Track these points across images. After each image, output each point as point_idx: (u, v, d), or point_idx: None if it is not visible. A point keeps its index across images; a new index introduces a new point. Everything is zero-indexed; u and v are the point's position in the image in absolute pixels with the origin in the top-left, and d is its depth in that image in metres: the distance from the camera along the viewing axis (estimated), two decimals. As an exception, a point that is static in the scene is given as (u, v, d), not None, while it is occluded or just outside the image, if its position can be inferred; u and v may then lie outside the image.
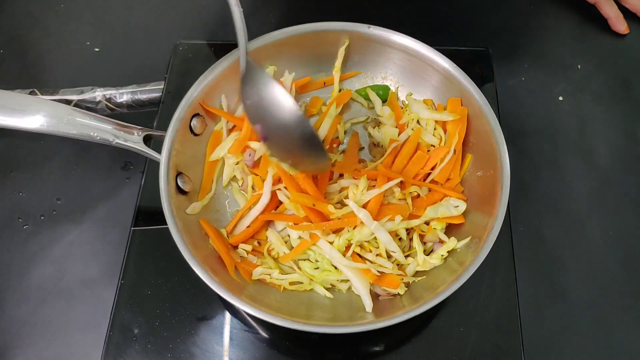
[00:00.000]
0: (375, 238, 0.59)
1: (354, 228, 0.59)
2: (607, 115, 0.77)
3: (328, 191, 0.64)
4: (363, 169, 0.64)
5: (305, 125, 0.52)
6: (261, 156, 0.64)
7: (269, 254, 0.61)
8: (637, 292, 0.65)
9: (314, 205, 0.59)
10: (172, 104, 0.62)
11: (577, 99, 0.78)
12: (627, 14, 0.84)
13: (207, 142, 0.65)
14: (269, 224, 0.63)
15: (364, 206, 0.60)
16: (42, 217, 0.68)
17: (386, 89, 0.71)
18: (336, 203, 0.62)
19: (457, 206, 0.61)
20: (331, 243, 0.59)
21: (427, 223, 0.62)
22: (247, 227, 0.62)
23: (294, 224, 0.60)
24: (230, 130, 0.67)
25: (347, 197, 0.62)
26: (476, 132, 0.63)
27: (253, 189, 0.64)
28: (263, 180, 0.63)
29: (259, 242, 0.63)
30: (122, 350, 0.58)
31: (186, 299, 0.60)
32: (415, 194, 0.63)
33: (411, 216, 0.61)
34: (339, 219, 0.59)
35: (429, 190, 0.64)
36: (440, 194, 0.63)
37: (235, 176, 0.66)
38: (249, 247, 0.61)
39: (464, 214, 0.61)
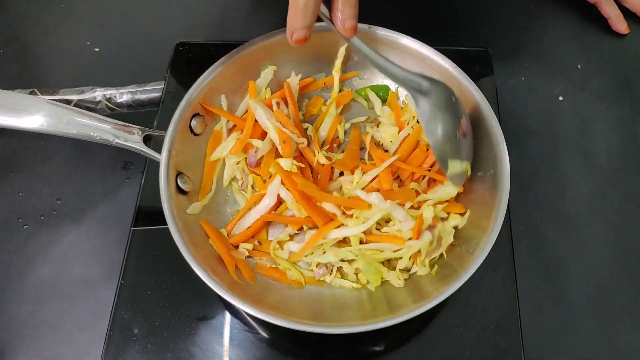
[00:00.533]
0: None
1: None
2: (607, 115, 0.77)
3: (329, 189, 0.64)
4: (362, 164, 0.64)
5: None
6: (262, 155, 0.64)
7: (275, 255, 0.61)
8: (637, 292, 0.65)
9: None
10: (172, 104, 0.62)
11: (577, 99, 0.78)
12: (627, 14, 0.84)
13: (207, 142, 0.65)
14: (269, 223, 0.64)
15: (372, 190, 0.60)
16: (42, 217, 0.68)
17: (386, 89, 0.71)
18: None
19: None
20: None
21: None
22: (248, 227, 0.62)
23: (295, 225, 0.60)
24: (230, 130, 0.67)
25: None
26: (476, 132, 0.63)
27: (253, 188, 0.64)
28: (264, 180, 0.63)
29: (259, 242, 0.63)
30: (122, 350, 0.58)
31: (186, 299, 0.60)
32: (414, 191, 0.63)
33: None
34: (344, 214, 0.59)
35: (428, 185, 0.64)
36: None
37: (235, 176, 0.66)
38: (249, 246, 0.61)
39: (464, 214, 0.61)
